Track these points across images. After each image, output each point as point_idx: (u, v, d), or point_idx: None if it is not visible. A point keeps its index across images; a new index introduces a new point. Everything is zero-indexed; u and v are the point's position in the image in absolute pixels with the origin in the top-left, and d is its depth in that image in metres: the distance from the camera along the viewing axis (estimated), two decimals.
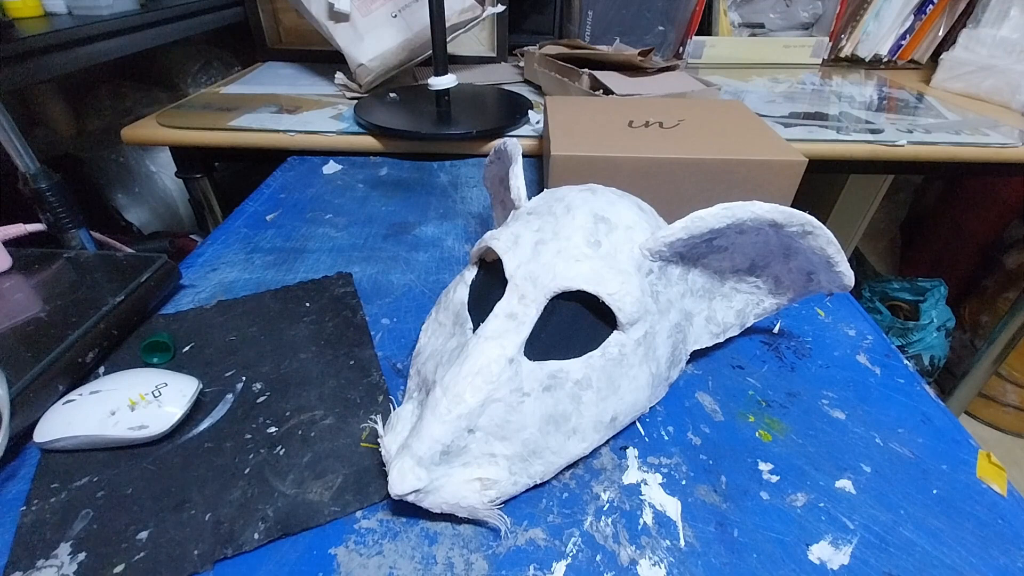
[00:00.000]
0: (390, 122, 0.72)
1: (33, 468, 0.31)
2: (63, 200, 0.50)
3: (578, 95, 0.78)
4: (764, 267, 0.37)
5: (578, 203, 0.33)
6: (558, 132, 0.55)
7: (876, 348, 0.41)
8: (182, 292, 0.46)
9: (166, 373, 0.34)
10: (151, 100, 1.15)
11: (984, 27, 0.91)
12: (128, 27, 0.81)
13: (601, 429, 0.31)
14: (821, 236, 0.32)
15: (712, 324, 0.38)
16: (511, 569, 0.26)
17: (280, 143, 0.73)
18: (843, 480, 0.31)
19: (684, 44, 1.08)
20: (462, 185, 0.66)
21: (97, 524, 0.28)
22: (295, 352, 0.39)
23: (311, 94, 0.88)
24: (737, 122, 0.59)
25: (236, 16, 1.05)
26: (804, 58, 1.11)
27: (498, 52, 1.06)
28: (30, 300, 0.40)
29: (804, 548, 0.27)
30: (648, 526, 0.28)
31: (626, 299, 0.30)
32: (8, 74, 0.63)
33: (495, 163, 0.44)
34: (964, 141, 0.72)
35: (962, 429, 0.34)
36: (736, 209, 0.30)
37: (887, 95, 0.93)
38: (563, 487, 0.30)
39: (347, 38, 0.82)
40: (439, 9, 0.66)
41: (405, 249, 0.52)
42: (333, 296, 0.45)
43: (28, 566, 0.26)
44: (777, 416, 0.35)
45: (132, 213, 1.11)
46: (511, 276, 0.31)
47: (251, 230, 0.55)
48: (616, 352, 0.30)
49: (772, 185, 0.51)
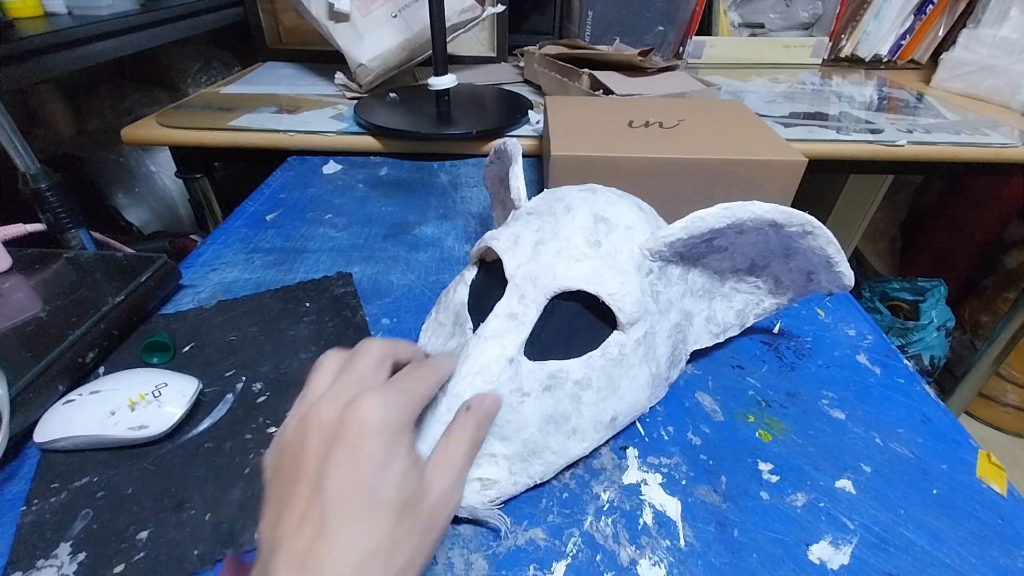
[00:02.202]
0: (390, 122, 0.72)
1: (33, 468, 0.31)
2: (63, 200, 0.50)
3: (578, 95, 0.78)
4: (764, 267, 0.37)
5: (578, 203, 0.33)
6: (558, 132, 0.55)
7: (876, 348, 0.41)
8: (182, 292, 0.46)
9: (166, 373, 0.34)
10: (151, 100, 1.15)
11: (984, 27, 0.91)
12: (128, 27, 0.81)
13: (601, 429, 0.31)
14: (821, 236, 0.31)
15: (712, 324, 0.38)
16: (511, 569, 0.26)
17: (280, 143, 0.73)
18: (843, 480, 0.31)
19: (684, 44, 1.08)
20: (462, 185, 0.66)
21: (97, 524, 0.28)
22: (295, 352, 0.39)
23: (311, 94, 0.88)
24: (737, 122, 0.59)
25: (236, 16, 1.04)
26: (804, 58, 1.11)
27: (498, 52, 1.06)
28: (30, 300, 0.40)
29: (804, 548, 0.27)
30: (648, 526, 0.28)
31: (626, 299, 0.30)
32: (8, 74, 0.63)
33: (495, 163, 0.44)
34: (964, 141, 0.72)
35: (962, 429, 0.34)
36: (736, 209, 0.30)
37: (887, 95, 0.93)
38: (563, 487, 0.30)
39: (347, 38, 0.82)
40: (439, 9, 0.66)
41: (405, 249, 0.52)
42: (333, 296, 0.45)
43: (28, 566, 0.26)
44: (777, 416, 0.35)
45: (132, 213, 1.11)
46: (511, 276, 0.31)
47: (251, 230, 0.55)
48: (616, 352, 0.30)
49: (772, 185, 0.51)
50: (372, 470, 0.20)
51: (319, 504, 0.19)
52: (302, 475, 0.20)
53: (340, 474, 0.19)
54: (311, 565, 0.18)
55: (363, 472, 0.20)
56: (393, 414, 0.21)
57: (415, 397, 0.23)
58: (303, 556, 0.18)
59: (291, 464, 0.21)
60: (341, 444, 0.20)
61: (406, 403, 0.22)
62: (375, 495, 0.20)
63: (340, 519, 0.19)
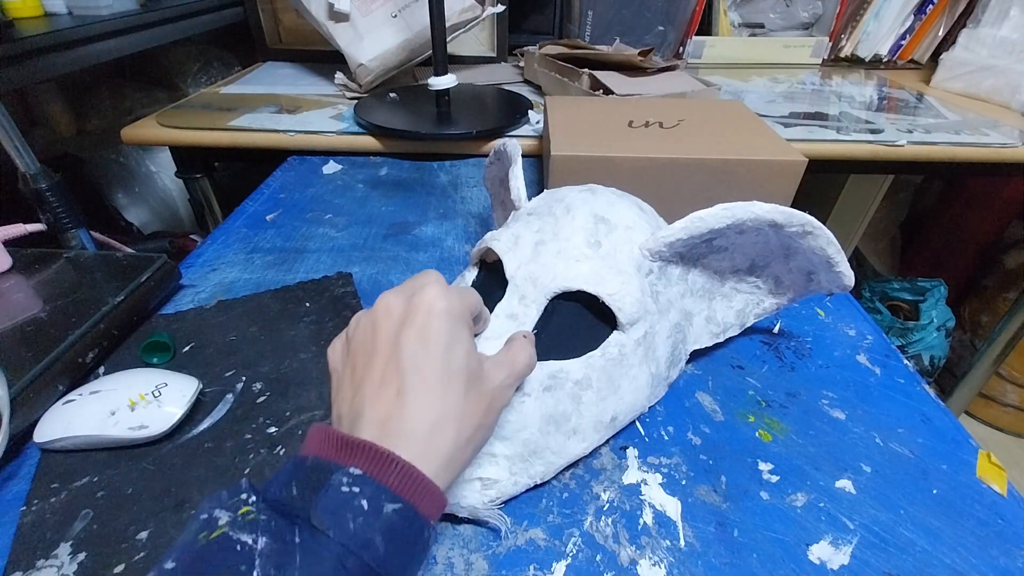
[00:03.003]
0: (390, 122, 0.72)
1: (33, 468, 0.31)
2: (63, 200, 0.50)
3: (578, 95, 0.78)
4: (764, 267, 0.37)
5: (578, 204, 0.33)
6: (558, 132, 0.55)
7: (876, 348, 0.41)
8: (182, 292, 0.46)
9: (166, 373, 0.34)
10: (151, 100, 1.15)
11: (984, 27, 0.91)
12: (128, 27, 0.81)
13: (601, 429, 0.31)
14: (821, 236, 0.31)
15: (712, 324, 0.38)
16: (511, 569, 0.26)
17: (280, 143, 0.73)
18: (843, 480, 0.31)
19: (684, 44, 1.08)
20: (462, 185, 0.66)
21: (97, 524, 0.28)
22: (295, 352, 0.39)
23: (311, 94, 0.88)
24: (737, 122, 0.59)
25: (236, 16, 1.04)
26: (804, 58, 1.11)
27: (498, 52, 1.05)
28: (30, 300, 0.40)
29: (804, 548, 0.27)
30: (648, 526, 0.28)
31: (626, 299, 0.30)
32: (8, 74, 0.63)
33: (495, 164, 0.44)
34: (964, 141, 0.72)
35: (962, 429, 0.34)
36: (736, 209, 0.30)
37: (887, 95, 0.93)
38: (563, 487, 0.30)
39: (347, 38, 0.82)
40: (439, 9, 0.66)
41: (405, 249, 0.52)
42: (333, 296, 0.45)
43: (28, 566, 0.26)
44: (777, 416, 0.35)
45: (132, 213, 1.11)
46: (511, 277, 0.31)
47: (251, 230, 0.55)
48: (616, 352, 0.30)
49: (772, 185, 0.51)
50: (441, 345, 0.22)
51: (397, 372, 0.21)
52: (377, 351, 0.22)
53: (413, 347, 0.21)
54: (392, 427, 0.20)
55: (434, 346, 0.22)
56: (455, 304, 0.23)
57: (467, 301, 0.25)
58: (383, 420, 0.20)
59: (363, 347, 0.23)
60: (411, 324, 0.22)
61: (463, 300, 0.24)
62: (447, 365, 0.22)
63: (416, 384, 0.21)
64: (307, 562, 0.17)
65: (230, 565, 0.16)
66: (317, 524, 0.17)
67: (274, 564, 0.17)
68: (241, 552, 0.17)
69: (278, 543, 0.17)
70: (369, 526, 0.18)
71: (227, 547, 0.17)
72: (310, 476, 0.19)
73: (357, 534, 0.17)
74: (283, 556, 0.17)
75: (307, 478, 0.19)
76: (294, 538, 0.17)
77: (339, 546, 0.17)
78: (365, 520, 0.18)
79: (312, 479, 0.19)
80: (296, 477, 0.19)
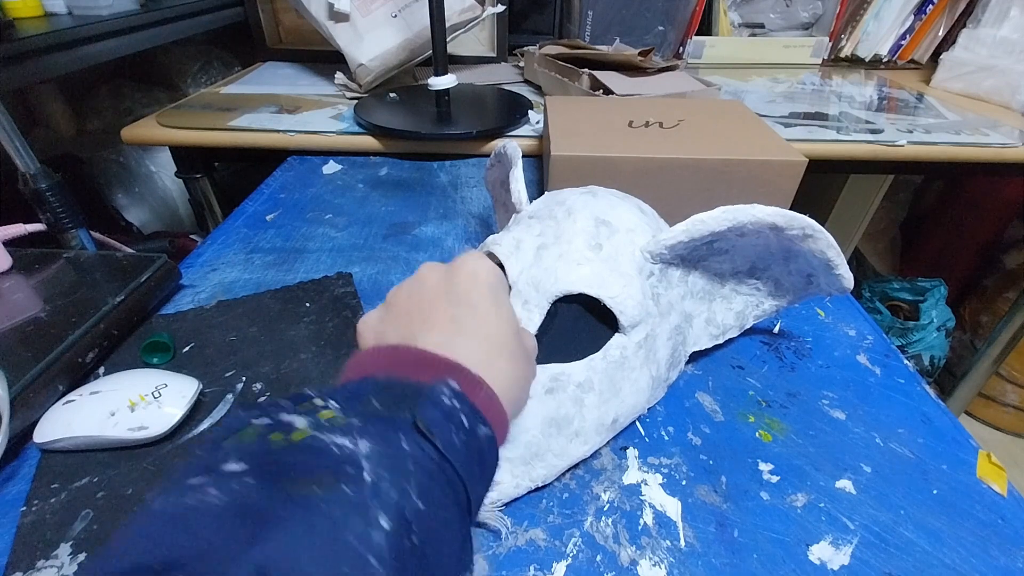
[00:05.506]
0: (390, 122, 0.72)
1: (33, 468, 0.31)
2: (63, 200, 0.50)
3: (578, 95, 0.78)
4: (764, 269, 0.37)
5: (579, 206, 0.33)
6: (558, 132, 0.55)
7: (876, 348, 0.41)
8: (182, 292, 0.46)
9: (166, 374, 0.34)
10: (151, 100, 1.15)
11: (984, 27, 0.91)
12: (128, 27, 0.81)
13: (603, 431, 0.31)
14: (821, 239, 0.31)
15: (712, 326, 0.38)
16: (511, 569, 0.26)
17: (280, 143, 0.73)
18: (843, 480, 0.31)
19: (684, 44, 1.08)
20: (462, 185, 0.66)
21: (97, 524, 0.28)
22: (295, 352, 0.39)
23: (311, 94, 0.88)
24: (737, 122, 0.59)
25: (236, 16, 1.04)
26: (804, 58, 1.11)
27: (498, 52, 1.05)
28: (30, 300, 0.40)
29: (804, 548, 0.27)
30: (648, 526, 0.28)
31: (628, 302, 0.30)
32: (8, 74, 0.63)
33: (495, 166, 0.44)
34: (964, 141, 0.72)
35: (962, 429, 0.34)
36: (737, 212, 0.30)
37: (887, 95, 0.93)
38: (563, 487, 0.30)
39: (347, 38, 0.82)
40: (439, 9, 0.66)
41: (405, 249, 0.52)
42: (333, 296, 0.45)
43: (28, 566, 0.26)
44: (777, 416, 0.35)
45: (132, 213, 1.11)
46: (514, 282, 0.31)
47: (251, 230, 0.55)
48: (618, 355, 0.30)
49: (772, 185, 0.51)
50: (487, 302, 0.22)
51: (449, 305, 0.21)
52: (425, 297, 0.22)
53: (466, 284, 0.22)
54: (451, 347, 0.20)
55: (479, 302, 0.22)
56: (494, 274, 0.23)
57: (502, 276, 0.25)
58: (440, 343, 0.20)
59: (408, 301, 0.23)
60: (454, 289, 0.22)
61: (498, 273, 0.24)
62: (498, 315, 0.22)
63: (470, 322, 0.21)
64: (420, 468, 0.15)
65: (330, 466, 0.14)
66: (424, 429, 0.16)
67: (386, 467, 0.15)
68: (341, 454, 0.15)
69: (384, 446, 0.15)
70: (468, 446, 0.17)
71: (320, 449, 0.15)
72: (394, 389, 0.17)
73: (461, 451, 0.16)
74: (395, 460, 0.15)
75: (391, 392, 0.17)
76: (400, 444, 0.16)
77: (445, 460, 0.16)
78: (468, 439, 0.17)
79: (398, 392, 0.17)
80: (374, 392, 0.17)
